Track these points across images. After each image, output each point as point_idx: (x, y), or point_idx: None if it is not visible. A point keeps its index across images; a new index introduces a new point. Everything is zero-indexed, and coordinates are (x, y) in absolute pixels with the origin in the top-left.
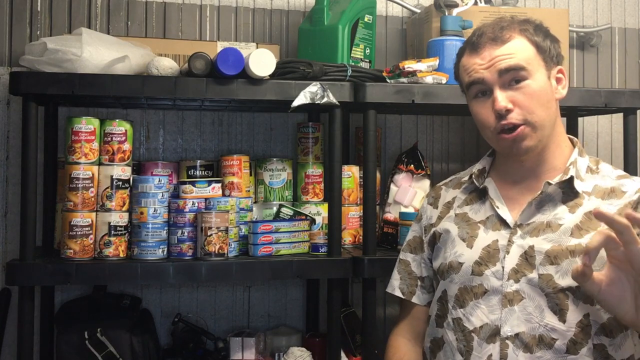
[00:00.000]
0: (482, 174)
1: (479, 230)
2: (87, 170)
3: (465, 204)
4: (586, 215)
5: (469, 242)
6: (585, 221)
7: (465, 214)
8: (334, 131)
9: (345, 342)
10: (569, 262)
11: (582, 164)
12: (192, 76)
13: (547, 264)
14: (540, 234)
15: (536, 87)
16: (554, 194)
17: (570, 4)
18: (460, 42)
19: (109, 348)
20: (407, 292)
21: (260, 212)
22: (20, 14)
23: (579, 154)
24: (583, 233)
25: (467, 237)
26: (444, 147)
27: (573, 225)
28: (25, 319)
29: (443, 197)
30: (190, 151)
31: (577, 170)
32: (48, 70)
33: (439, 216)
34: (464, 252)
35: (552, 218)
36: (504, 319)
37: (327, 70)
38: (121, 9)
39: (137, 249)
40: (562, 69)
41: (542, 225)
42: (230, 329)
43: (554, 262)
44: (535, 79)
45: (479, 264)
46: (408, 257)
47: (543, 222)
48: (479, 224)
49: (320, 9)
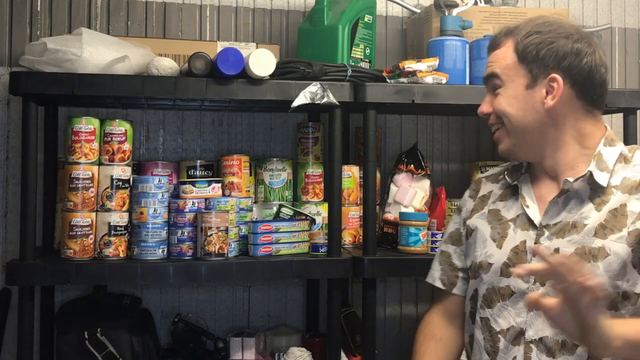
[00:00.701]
0: (518, 170)
1: (509, 230)
2: (87, 170)
3: (500, 199)
4: (611, 212)
5: (499, 243)
6: (609, 219)
7: (498, 211)
8: (334, 131)
9: (345, 342)
10: (591, 267)
11: (609, 154)
12: (192, 76)
13: None
14: (566, 235)
15: (509, 94)
16: (581, 191)
17: (570, 4)
18: (460, 42)
19: (109, 348)
20: (448, 284)
21: (260, 212)
22: (20, 14)
23: (608, 144)
24: (607, 233)
25: (497, 237)
26: (444, 147)
27: (597, 225)
28: (25, 319)
29: (482, 190)
30: (190, 151)
31: (602, 162)
32: (48, 70)
33: (473, 209)
34: (494, 253)
35: (578, 217)
36: (529, 322)
37: (327, 70)
38: (121, 9)
39: (137, 249)
40: (556, 77)
41: (568, 226)
42: (230, 329)
43: None
44: (510, 87)
45: (507, 266)
46: (449, 249)
47: (569, 222)
48: (510, 222)
49: (320, 9)
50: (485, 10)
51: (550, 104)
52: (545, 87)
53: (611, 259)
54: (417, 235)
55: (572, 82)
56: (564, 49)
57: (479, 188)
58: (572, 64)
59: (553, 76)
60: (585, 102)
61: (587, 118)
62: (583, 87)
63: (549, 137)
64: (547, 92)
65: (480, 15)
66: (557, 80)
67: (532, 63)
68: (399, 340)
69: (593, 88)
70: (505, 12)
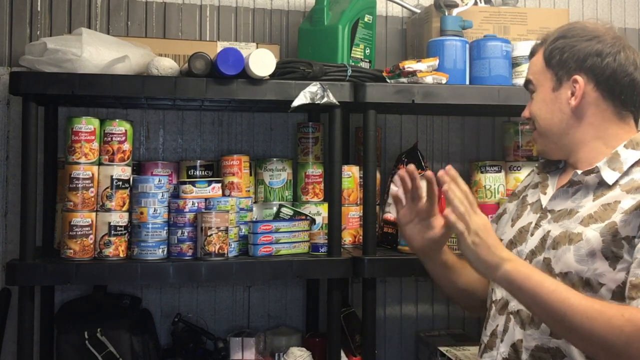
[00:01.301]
0: (554, 164)
1: (524, 212)
2: (87, 170)
3: (532, 187)
4: (603, 206)
5: (513, 223)
6: (599, 211)
7: (526, 196)
8: (334, 131)
9: (345, 342)
10: (564, 249)
11: (629, 156)
12: (192, 76)
13: (551, 248)
14: (560, 220)
15: (539, 98)
16: (590, 184)
17: (570, 4)
18: (460, 42)
19: (109, 348)
20: None
21: (260, 212)
22: (20, 14)
23: (631, 147)
24: (591, 222)
25: (515, 218)
26: (444, 147)
27: (587, 214)
28: (25, 319)
29: (527, 179)
30: (190, 151)
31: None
32: (48, 70)
33: (514, 193)
34: (507, 231)
35: (576, 206)
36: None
37: (327, 70)
38: (121, 9)
39: (137, 249)
40: (577, 79)
41: (566, 212)
42: (230, 329)
43: (555, 247)
44: (540, 91)
45: (512, 242)
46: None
47: (568, 209)
48: (528, 205)
49: (320, 9)
50: (485, 10)
51: (573, 104)
52: (569, 88)
53: (582, 244)
54: None
55: (595, 83)
56: (586, 50)
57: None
58: (594, 65)
59: (575, 77)
60: (613, 103)
61: (614, 119)
62: (608, 87)
63: (575, 136)
64: (572, 93)
65: (480, 15)
66: (578, 81)
67: (557, 66)
68: (399, 340)
69: (620, 88)
70: (505, 12)
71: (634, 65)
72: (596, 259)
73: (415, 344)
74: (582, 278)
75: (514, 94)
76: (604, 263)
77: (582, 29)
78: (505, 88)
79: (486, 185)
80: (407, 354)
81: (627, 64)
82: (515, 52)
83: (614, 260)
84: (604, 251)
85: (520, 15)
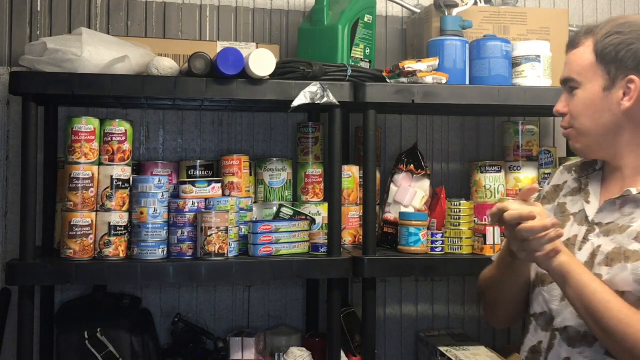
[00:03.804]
0: (591, 165)
1: (568, 223)
2: (87, 170)
3: (570, 194)
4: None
5: None
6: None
7: (564, 204)
8: (334, 131)
9: (345, 342)
10: (620, 267)
11: None
12: (192, 76)
13: (603, 265)
14: (610, 235)
15: (583, 97)
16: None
17: (570, 4)
18: (460, 42)
19: (109, 348)
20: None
21: (260, 212)
22: (20, 14)
23: None
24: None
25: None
26: (444, 147)
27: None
28: (25, 319)
29: (557, 179)
30: (190, 151)
31: None
32: (48, 70)
33: (544, 196)
34: None
35: (628, 220)
36: (558, 311)
37: (327, 70)
38: (121, 9)
39: (137, 249)
40: (635, 79)
41: (617, 227)
42: (230, 329)
43: (609, 264)
44: (586, 89)
45: None
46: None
47: (619, 224)
48: (571, 215)
49: (320, 9)
50: (485, 10)
51: (627, 106)
52: (623, 88)
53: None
54: (417, 235)
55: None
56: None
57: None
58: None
59: (631, 77)
60: None
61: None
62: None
63: (623, 138)
64: (625, 93)
65: (480, 15)
66: (634, 81)
67: (611, 64)
68: (399, 340)
69: None
70: (505, 12)
71: None
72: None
73: (415, 344)
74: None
75: (514, 94)
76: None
77: (638, 26)
78: (505, 88)
79: (486, 185)
80: (407, 354)
81: None
82: (515, 52)
83: None
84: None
85: (520, 15)
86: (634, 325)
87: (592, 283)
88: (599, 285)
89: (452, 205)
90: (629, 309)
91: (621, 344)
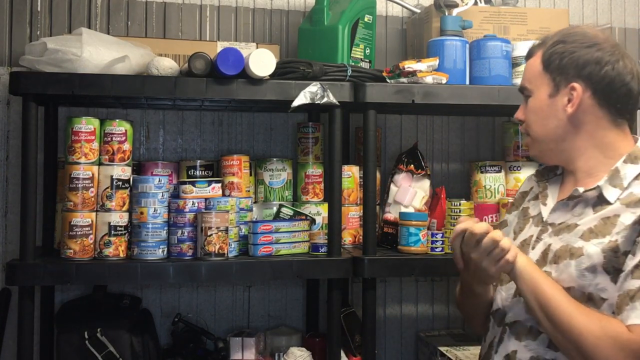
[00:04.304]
0: (552, 170)
1: (527, 225)
2: (87, 170)
3: (533, 198)
4: (603, 220)
5: (516, 235)
6: (599, 225)
7: (527, 208)
8: (334, 131)
9: (345, 342)
10: (565, 264)
11: (628, 171)
12: (192, 76)
13: (552, 262)
14: (560, 234)
15: (533, 104)
16: (590, 198)
17: (570, 4)
18: (460, 42)
19: (109, 348)
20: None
21: (260, 212)
22: (20, 14)
23: (630, 162)
24: (592, 237)
25: (517, 230)
26: (444, 147)
27: (587, 228)
28: (25, 319)
29: (524, 186)
30: (190, 151)
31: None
32: (48, 70)
33: (514, 203)
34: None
35: (577, 220)
36: (510, 306)
37: (327, 70)
38: (121, 9)
39: (137, 249)
40: (575, 86)
41: (566, 226)
42: (230, 329)
43: (557, 262)
44: (535, 96)
45: None
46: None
47: (568, 223)
48: (531, 218)
49: (320, 9)
50: (485, 10)
51: (570, 112)
52: (566, 95)
53: (583, 259)
54: (417, 235)
55: (593, 90)
56: (585, 57)
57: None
58: (592, 73)
59: (573, 85)
60: (609, 111)
61: (610, 127)
62: (605, 96)
63: (570, 144)
64: (569, 100)
65: (480, 15)
66: (576, 88)
67: (555, 72)
68: (399, 340)
69: (617, 97)
70: (505, 12)
71: (631, 74)
72: (597, 273)
73: (415, 344)
74: (585, 293)
75: (513, 94)
76: (605, 278)
77: (583, 35)
78: (505, 88)
79: (486, 185)
80: (407, 354)
81: (624, 73)
82: (515, 52)
83: (616, 274)
84: (605, 266)
85: (520, 15)
86: (577, 317)
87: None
88: (550, 283)
89: (452, 205)
90: (575, 303)
91: (568, 335)
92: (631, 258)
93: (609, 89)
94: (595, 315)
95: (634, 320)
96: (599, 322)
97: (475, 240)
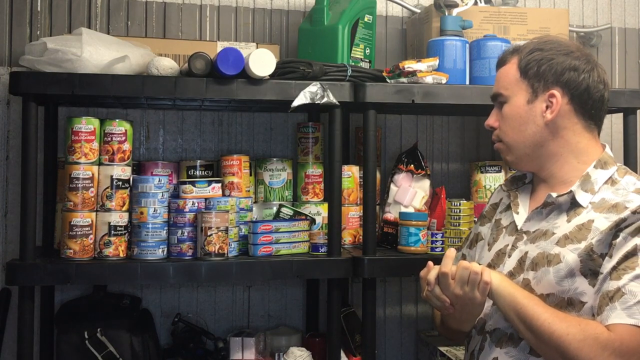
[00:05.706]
0: (520, 179)
1: (500, 235)
2: (87, 170)
3: (504, 209)
4: (577, 226)
5: (490, 246)
6: (574, 231)
7: (499, 220)
8: (334, 131)
9: (345, 342)
10: (544, 271)
11: (599, 176)
12: (192, 76)
13: (530, 269)
14: (536, 241)
15: (509, 111)
16: (562, 204)
17: (570, 4)
18: (460, 42)
19: (109, 348)
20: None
21: (260, 212)
22: (20, 14)
23: (600, 167)
24: (567, 243)
25: (491, 242)
26: (444, 147)
27: (562, 235)
28: (25, 319)
29: (494, 197)
30: (190, 151)
31: (589, 183)
32: (48, 70)
33: (485, 216)
34: (484, 255)
35: (551, 227)
36: (489, 314)
37: (327, 70)
38: (121, 9)
39: (137, 249)
40: (554, 93)
41: (541, 233)
42: (230, 329)
43: (534, 269)
44: (511, 103)
45: (490, 265)
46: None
47: (544, 230)
48: (504, 228)
49: (320, 9)
50: (485, 10)
51: (549, 118)
52: (545, 101)
53: (561, 265)
54: (417, 235)
55: (570, 97)
56: (563, 65)
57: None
58: (570, 80)
59: (552, 92)
60: (583, 117)
61: (584, 133)
62: (581, 102)
63: (546, 150)
64: (547, 106)
65: (480, 15)
66: (555, 95)
67: (533, 78)
68: (399, 340)
69: (591, 103)
70: (505, 12)
71: (603, 84)
72: (575, 277)
73: (415, 344)
74: (564, 298)
75: None
76: (583, 281)
77: (558, 43)
78: None
79: (486, 185)
80: (407, 354)
81: (599, 81)
82: None
83: (592, 277)
84: (582, 270)
85: (520, 15)
86: (556, 323)
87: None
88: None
89: (452, 205)
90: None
91: (551, 343)
92: (608, 260)
93: (586, 95)
94: (574, 320)
95: (614, 319)
96: (579, 326)
97: (450, 278)
